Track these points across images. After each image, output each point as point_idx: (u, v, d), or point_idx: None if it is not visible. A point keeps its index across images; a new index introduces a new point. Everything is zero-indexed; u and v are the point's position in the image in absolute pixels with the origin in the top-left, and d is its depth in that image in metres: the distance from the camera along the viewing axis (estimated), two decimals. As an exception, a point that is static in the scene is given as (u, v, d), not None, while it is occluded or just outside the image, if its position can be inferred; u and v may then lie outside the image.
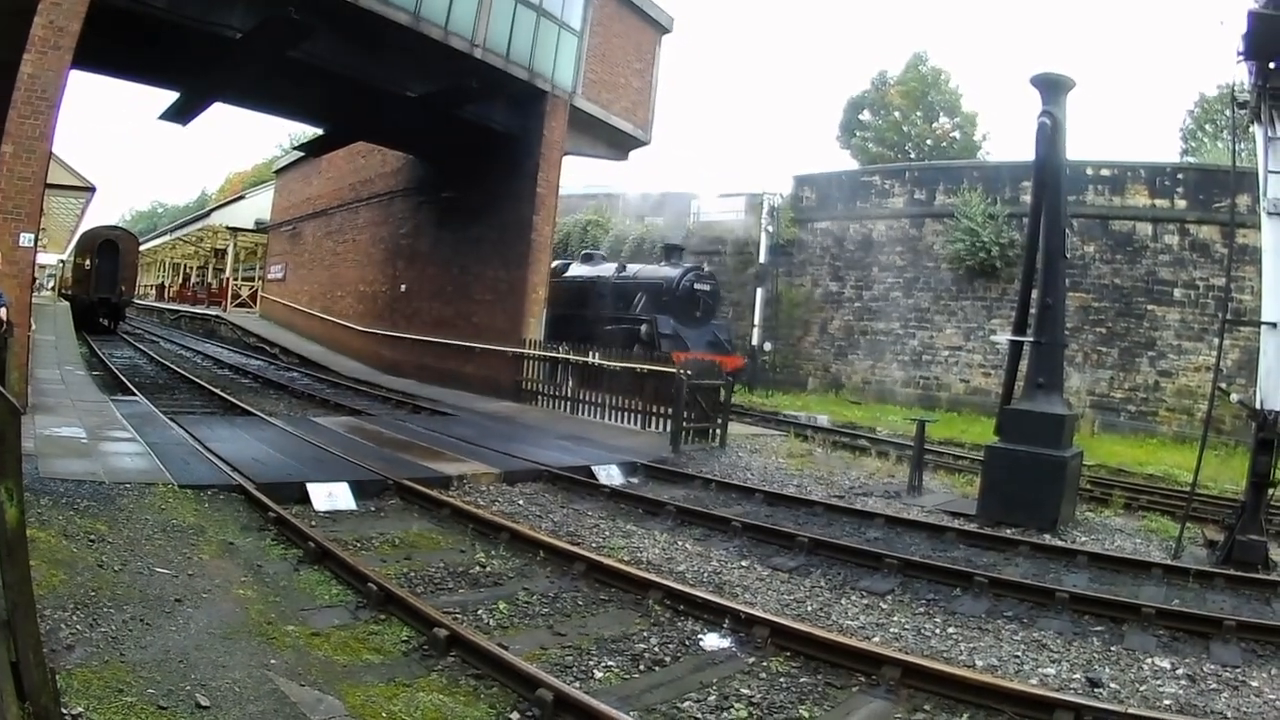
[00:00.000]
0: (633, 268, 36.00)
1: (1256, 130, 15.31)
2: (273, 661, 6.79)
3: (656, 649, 8.33)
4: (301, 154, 45.58)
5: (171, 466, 12.63)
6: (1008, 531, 15.27)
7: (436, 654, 7.44)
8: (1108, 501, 19.09)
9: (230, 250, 66.61)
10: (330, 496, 12.44)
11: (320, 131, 34.01)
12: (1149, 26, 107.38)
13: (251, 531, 10.49)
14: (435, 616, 7.86)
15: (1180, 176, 35.13)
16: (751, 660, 8.31)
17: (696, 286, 32.82)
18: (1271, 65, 14.48)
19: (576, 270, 37.36)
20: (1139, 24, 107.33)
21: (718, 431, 21.69)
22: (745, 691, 7.55)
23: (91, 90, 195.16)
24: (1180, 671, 9.17)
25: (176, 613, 7.46)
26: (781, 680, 7.93)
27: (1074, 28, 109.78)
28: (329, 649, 7.29)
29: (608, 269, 36.34)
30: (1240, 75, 15.20)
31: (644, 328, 31.31)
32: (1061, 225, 17.26)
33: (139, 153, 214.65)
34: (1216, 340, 28.59)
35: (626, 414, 23.38)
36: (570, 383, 25.76)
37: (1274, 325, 14.60)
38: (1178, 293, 33.87)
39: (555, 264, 35.84)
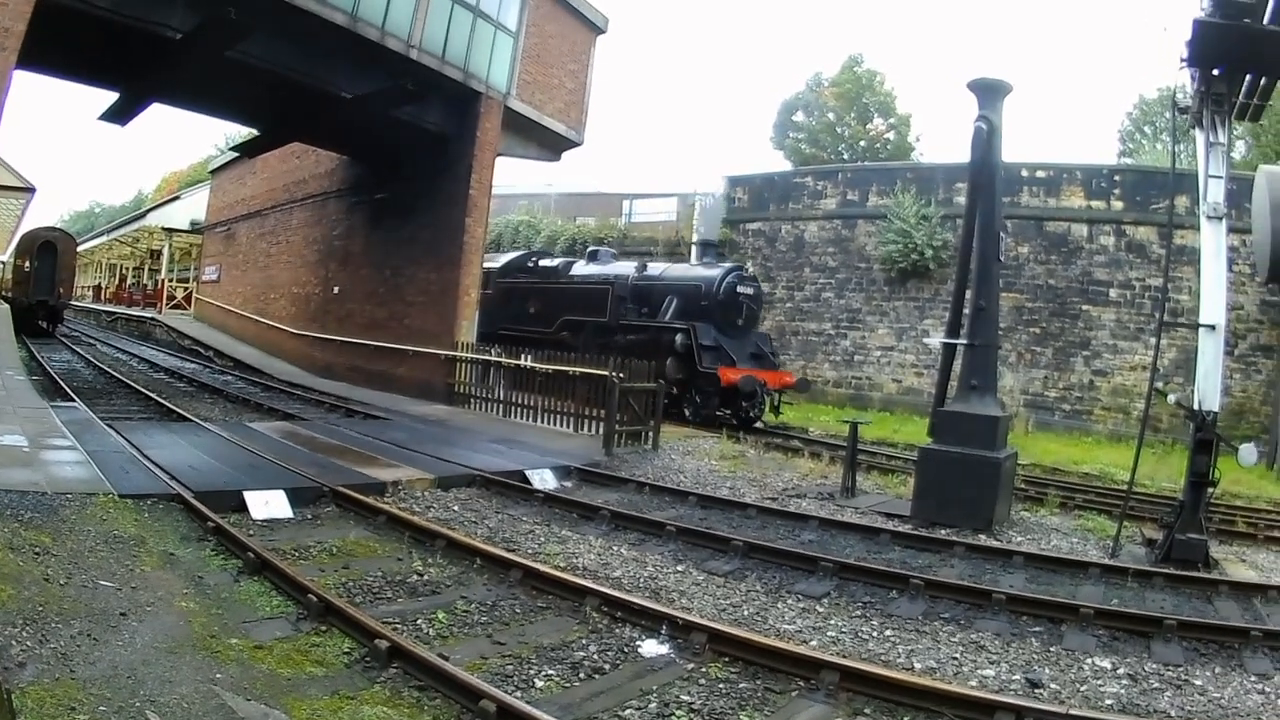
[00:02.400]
0: (657, 266, 32.75)
1: (1198, 135, 15.66)
2: (218, 676, 6.80)
3: (596, 657, 8.38)
4: (236, 154, 45.00)
5: (111, 475, 12.53)
6: (942, 532, 15.43)
7: (379, 666, 7.45)
8: (1043, 501, 19.39)
9: (166, 251, 66.12)
10: (267, 504, 12.43)
11: (256, 132, 33.72)
12: (1089, 30, 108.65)
13: (191, 542, 10.46)
14: (376, 628, 7.90)
15: (1117, 178, 36.22)
16: (690, 666, 8.37)
17: (740, 290, 28.94)
18: (1215, 72, 14.84)
19: (583, 269, 34.26)
20: (1079, 27, 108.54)
21: (650, 434, 21.69)
22: (685, 698, 7.62)
23: (29, 90, 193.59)
24: (1121, 671, 9.32)
25: (122, 627, 7.45)
26: (721, 686, 7.99)
27: (1012, 30, 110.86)
28: (272, 662, 7.30)
29: (624, 268, 32.86)
30: (1182, 80, 15.56)
31: (679, 337, 27.57)
32: (996, 229, 17.48)
33: (77, 153, 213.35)
34: (1153, 340, 29.08)
35: (559, 417, 23.39)
36: (503, 385, 25.67)
37: (1212, 328, 14.90)
38: (1113, 293, 34.68)
39: (558, 262, 35.91)
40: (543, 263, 36.59)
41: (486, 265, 34.76)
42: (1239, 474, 18.39)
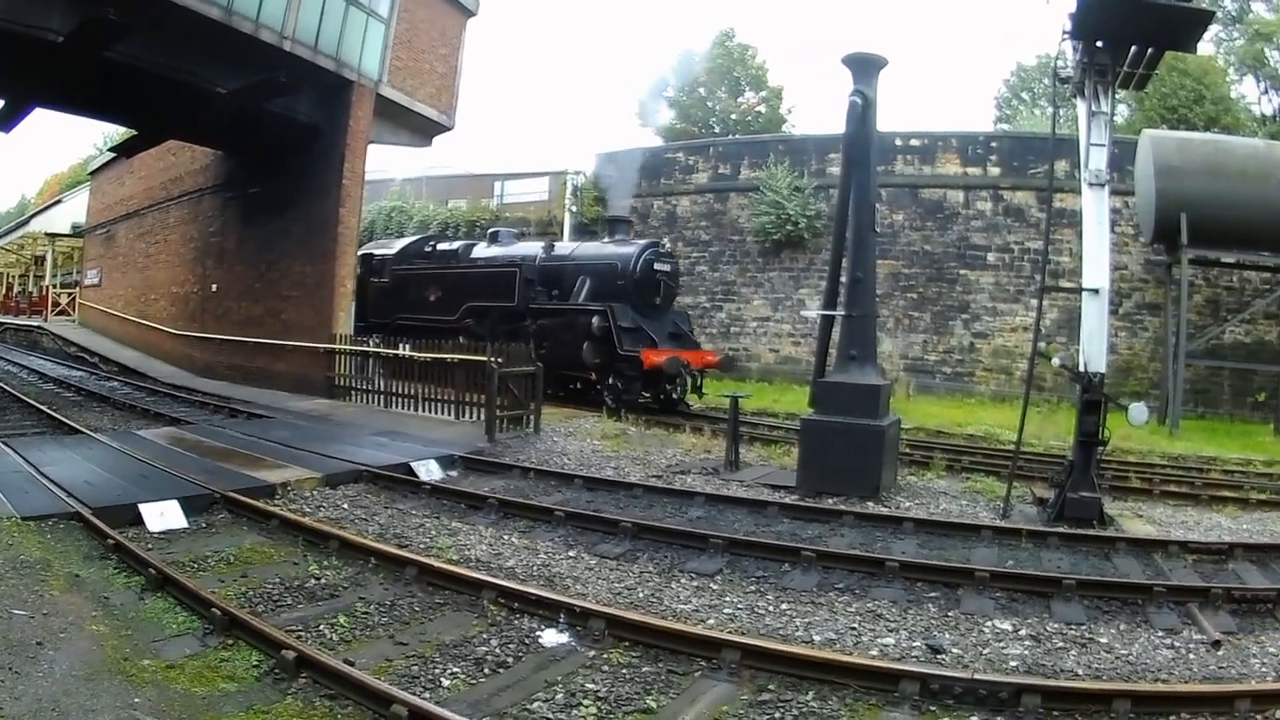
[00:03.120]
0: (565, 246, 32.13)
1: (1079, 104, 16.08)
2: (136, 700, 6.87)
3: (498, 651, 8.50)
4: (114, 155, 44.44)
5: (13, 498, 12.42)
6: (830, 501, 15.72)
7: (288, 677, 7.49)
8: (929, 464, 19.81)
9: (49, 257, 64.67)
10: (162, 516, 12.38)
11: (134, 132, 33.18)
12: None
13: (94, 561, 10.40)
14: (281, 638, 7.95)
15: (994, 144, 37.24)
16: (592, 654, 8.53)
17: (657, 267, 28.09)
18: (1098, 44, 15.27)
19: (485, 251, 32.93)
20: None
21: (531, 418, 21.84)
22: (591, 687, 7.77)
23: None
24: (1023, 633, 9.56)
25: (40, 657, 7.47)
26: (624, 672, 8.15)
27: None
28: (186, 681, 7.35)
29: (530, 248, 31.71)
30: (1065, 50, 16.03)
31: (596, 320, 26.49)
32: (871, 201, 18.00)
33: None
34: (1033, 301, 29.89)
35: (440, 404, 23.49)
36: (383, 376, 25.69)
37: (1096, 291, 15.36)
38: (992, 256, 35.55)
39: (458, 246, 34.70)
40: (441, 246, 35.44)
41: (381, 253, 35.81)
42: (1129, 430, 18.73)
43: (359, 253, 30.86)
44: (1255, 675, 8.67)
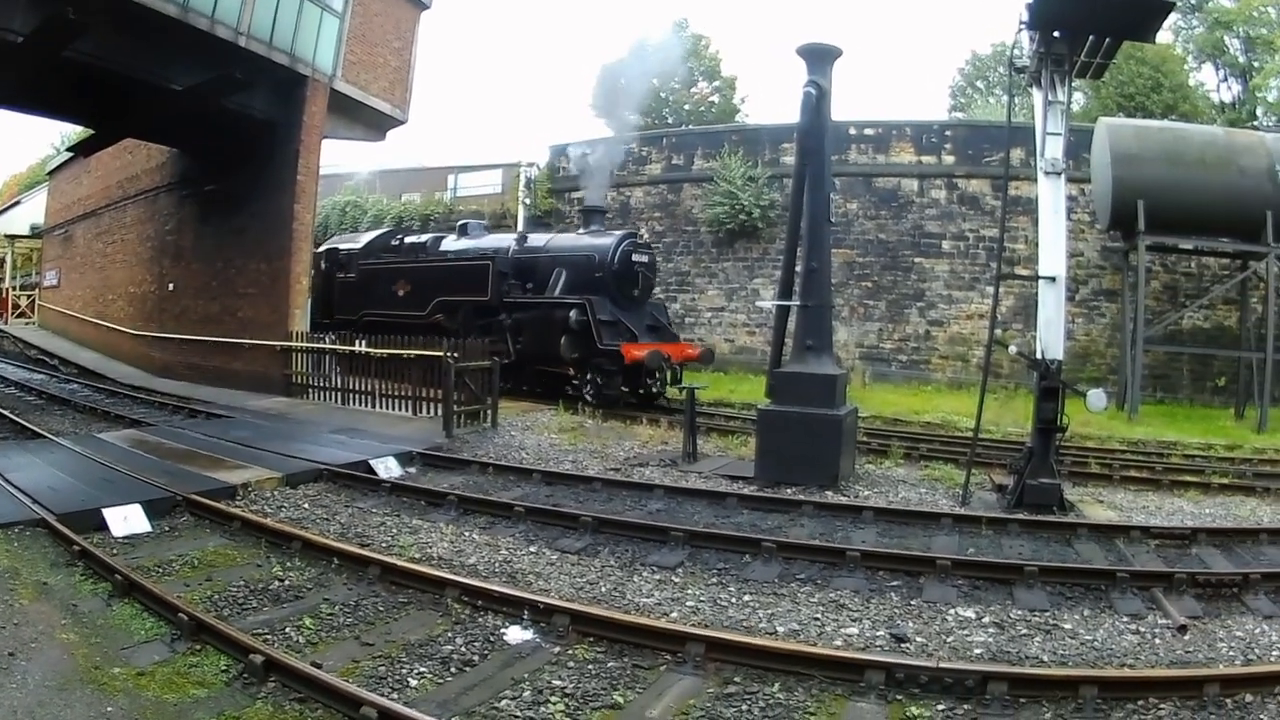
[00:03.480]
0: (539, 237, 30.79)
1: (1035, 94, 16.21)
2: (109, 710, 6.89)
3: (464, 649, 8.57)
4: (72, 154, 43.99)
5: None
6: (789, 492, 15.83)
7: (257, 681, 7.51)
8: (887, 453, 19.84)
9: (8, 259, 63.90)
10: (126, 520, 12.34)
11: (91, 131, 33.08)
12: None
13: (61, 568, 10.38)
14: (248, 642, 7.97)
15: (949, 133, 37.46)
16: (557, 650, 8.60)
17: (635, 259, 27.24)
18: (1056, 34, 15.36)
19: (455, 244, 32.09)
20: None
21: (489, 412, 21.88)
22: (557, 683, 7.83)
23: None
24: (987, 620, 9.69)
25: (13, 668, 7.47)
26: (590, 668, 8.23)
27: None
28: (157, 688, 7.36)
29: (502, 240, 30.95)
30: (1021, 40, 16.14)
31: (573, 314, 25.70)
32: (826, 191, 18.11)
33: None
34: (989, 289, 30.12)
35: (397, 400, 23.50)
36: (339, 373, 25.62)
37: (1053, 279, 15.52)
38: (946, 244, 35.79)
39: (426, 239, 33.74)
40: (409, 240, 34.55)
41: (346, 247, 35.08)
42: (1088, 416, 18.99)
43: (323, 247, 31.18)
44: (1223, 659, 8.80)
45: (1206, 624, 9.73)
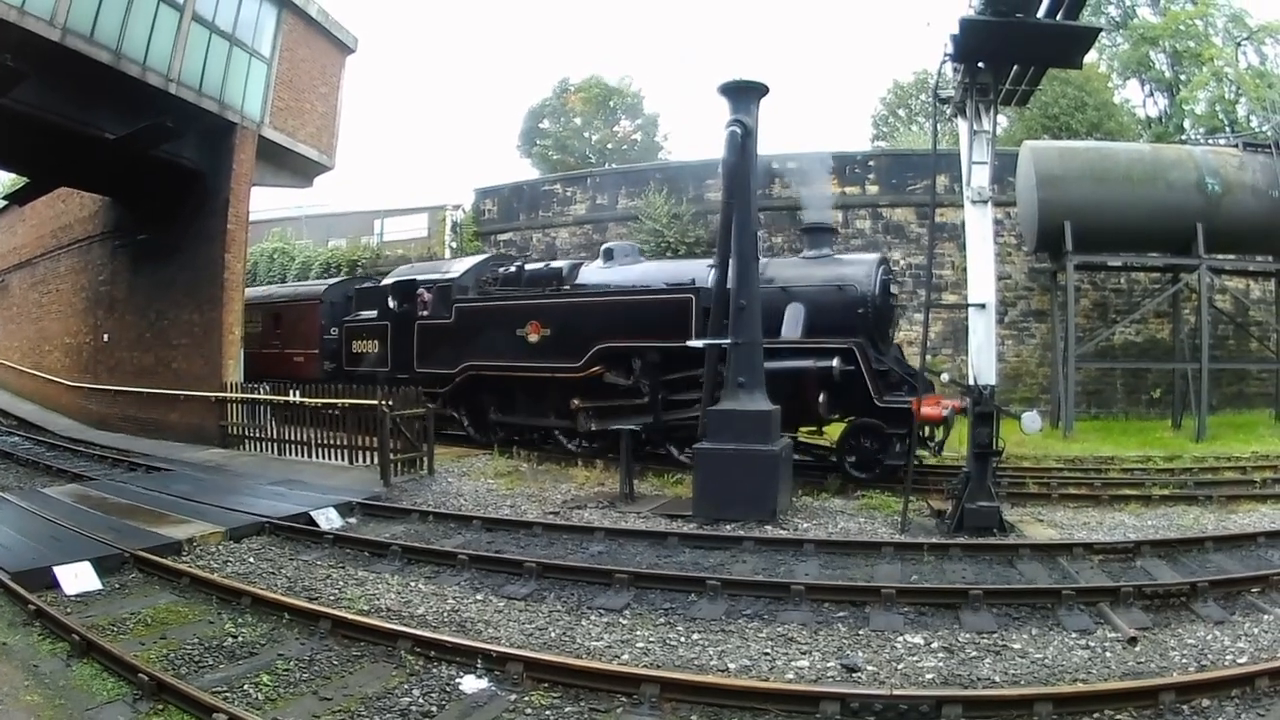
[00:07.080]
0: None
1: (960, 123, 16.44)
2: None
3: (421, 701, 8.55)
4: (6, 203, 43.80)
5: None
6: (728, 528, 15.94)
7: None
8: (823, 485, 19.85)
9: (-51, 310, 63.15)
10: (77, 578, 12.23)
11: (26, 180, 32.93)
12: (840, 18, 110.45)
13: (18, 627, 10.34)
14: (209, 701, 7.93)
15: (872, 164, 37.34)
16: (514, 698, 8.58)
17: (892, 290, 22.87)
18: (980, 65, 15.63)
19: (608, 274, 25.49)
20: (828, 16, 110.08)
21: (425, 460, 21.77)
22: None
23: None
24: (935, 645, 9.80)
25: None
26: (548, 714, 8.27)
27: (756, 22, 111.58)
28: None
29: (695, 268, 23.62)
30: (945, 71, 16.38)
31: (836, 362, 19.77)
32: (753, 229, 18.24)
33: None
34: (917, 316, 30.37)
35: (334, 450, 23.43)
36: (274, 424, 25.39)
37: (982, 306, 15.79)
38: (871, 273, 35.40)
39: (562, 265, 27.00)
40: (529, 268, 27.74)
41: (429, 278, 28.29)
42: (1023, 436, 18.98)
43: (389, 280, 28.84)
44: (1176, 668, 9.01)
45: (1157, 634, 9.94)
